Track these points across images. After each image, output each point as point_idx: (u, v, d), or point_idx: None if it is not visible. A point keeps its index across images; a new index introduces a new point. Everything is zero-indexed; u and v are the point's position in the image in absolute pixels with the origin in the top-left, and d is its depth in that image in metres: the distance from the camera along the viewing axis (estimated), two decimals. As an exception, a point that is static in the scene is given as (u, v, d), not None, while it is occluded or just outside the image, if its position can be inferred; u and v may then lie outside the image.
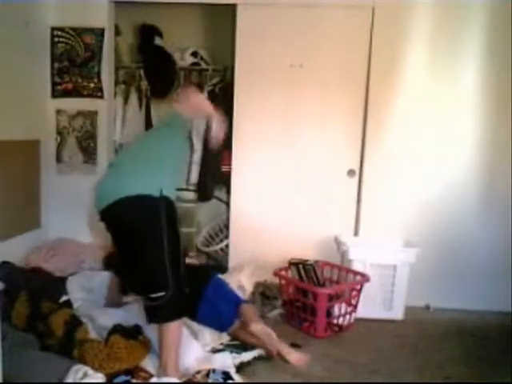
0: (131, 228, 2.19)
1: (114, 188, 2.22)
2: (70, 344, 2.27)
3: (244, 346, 2.59)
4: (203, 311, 2.70)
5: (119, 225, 2.26)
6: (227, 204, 3.94)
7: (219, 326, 2.69)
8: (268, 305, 3.16)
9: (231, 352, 2.51)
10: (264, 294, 3.24)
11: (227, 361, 2.42)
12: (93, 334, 2.45)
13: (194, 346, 2.45)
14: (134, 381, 2.17)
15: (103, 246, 3.35)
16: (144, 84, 3.96)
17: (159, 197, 2.16)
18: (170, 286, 2.13)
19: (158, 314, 2.17)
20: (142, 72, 3.97)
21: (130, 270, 2.31)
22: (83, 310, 2.70)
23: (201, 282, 2.84)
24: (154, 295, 2.12)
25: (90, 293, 2.92)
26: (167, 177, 2.28)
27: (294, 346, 2.70)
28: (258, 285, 3.31)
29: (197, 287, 2.79)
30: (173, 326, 2.17)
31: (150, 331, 2.44)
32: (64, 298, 2.77)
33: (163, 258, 2.13)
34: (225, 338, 2.68)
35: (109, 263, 3.23)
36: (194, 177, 4.04)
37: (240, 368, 2.42)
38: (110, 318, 2.55)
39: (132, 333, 2.35)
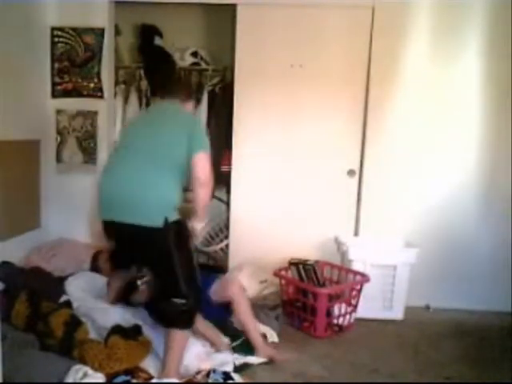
0: (141, 249, 2.23)
1: (120, 206, 2.19)
2: (69, 344, 2.27)
3: (247, 348, 2.58)
4: None
5: (128, 242, 2.28)
6: (227, 204, 3.93)
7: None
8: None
9: (234, 353, 2.51)
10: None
11: (227, 360, 2.42)
12: (93, 334, 2.45)
13: (194, 344, 2.44)
14: (133, 381, 2.17)
15: (102, 246, 3.34)
16: (144, 84, 3.95)
17: (167, 226, 2.16)
18: (190, 296, 2.18)
19: (177, 320, 2.20)
20: (142, 72, 3.96)
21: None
22: (83, 310, 2.69)
23: None
24: (177, 301, 2.16)
25: (89, 293, 2.92)
26: (175, 187, 2.25)
27: None
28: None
29: None
30: (182, 335, 2.21)
31: (151, 332, 2.44)
32: (64, 298, 2.76)
33: (177, 274, 2.18)
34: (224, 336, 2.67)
35: (97, 261, 3.25)
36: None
37: (241, 368, 2.42)
38: (110, 318, 2.55)
39: (131, 333, 2.35)
